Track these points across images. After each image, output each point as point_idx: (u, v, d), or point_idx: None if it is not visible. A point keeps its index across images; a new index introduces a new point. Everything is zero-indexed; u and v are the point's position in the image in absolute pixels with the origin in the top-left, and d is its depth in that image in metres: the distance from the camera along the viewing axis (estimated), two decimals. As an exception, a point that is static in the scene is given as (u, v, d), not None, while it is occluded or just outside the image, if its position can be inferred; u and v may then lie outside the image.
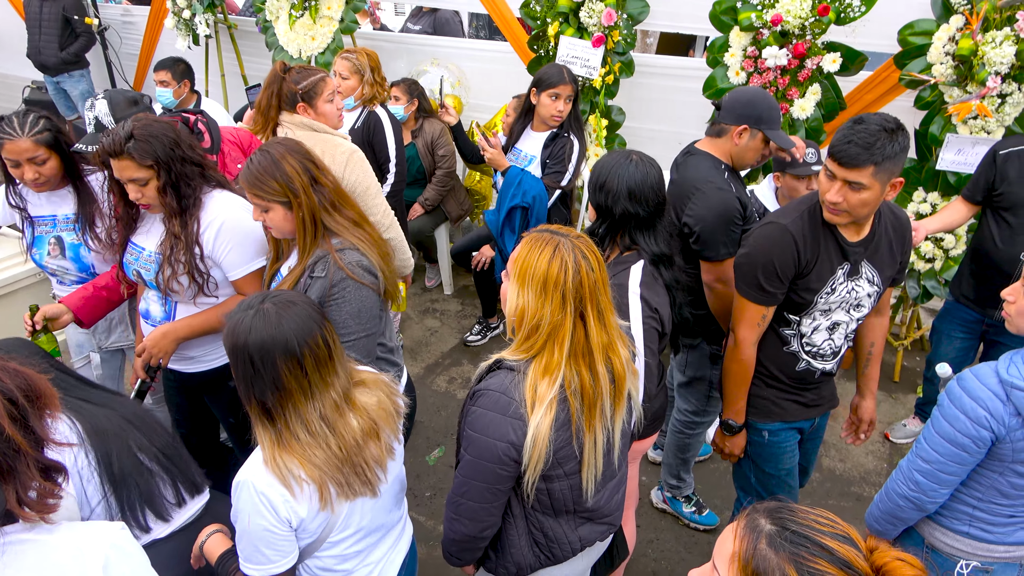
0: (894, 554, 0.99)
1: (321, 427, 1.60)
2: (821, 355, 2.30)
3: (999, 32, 3.29)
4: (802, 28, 3.63)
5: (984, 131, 3.50)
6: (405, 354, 4.39)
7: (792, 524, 1.01)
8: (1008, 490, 1.81)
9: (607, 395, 1.71)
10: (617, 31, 4.13)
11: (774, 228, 2.13)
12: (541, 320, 1.62)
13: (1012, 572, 1.90)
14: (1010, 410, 1.70)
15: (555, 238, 1.66)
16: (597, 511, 1.87)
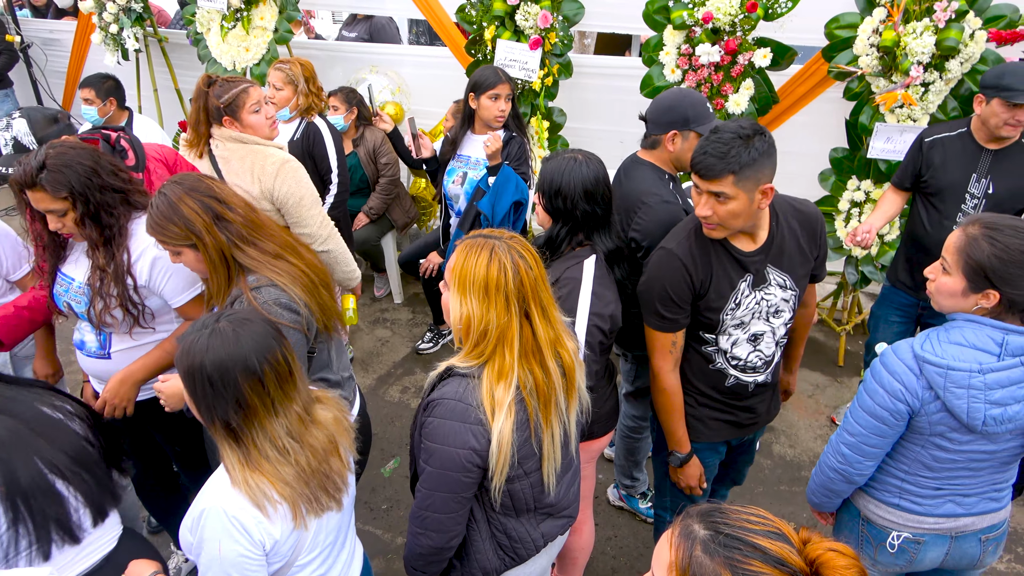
0: (827, 545, 1.00)
1: (289, 442, 1.57)
2: (750, 367, 2.24)
3: (919, 23, 3.40)
4: (732, 25, 3.69)
5: (910, 119, 3.61)
6: (356, 366, 4.33)
7: (725, 527, 1.01)
8: (932, 463, 1.87)
9: (560, 389, 1.73)
10: (553, 33, 4.15)
11: (662, 254, 2.12)
12: (488, 325, 1.63)
13: (942, 543, 1.96)
14: (923, 383, 1.77)
15: (489, 241, 1.66)
16: (557, 505, 1.88)
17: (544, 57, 4.21)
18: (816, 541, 1.01)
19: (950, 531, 1.94)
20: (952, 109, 3.57)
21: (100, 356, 2.37)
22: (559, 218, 2.20)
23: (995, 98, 2.76)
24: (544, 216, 2.25)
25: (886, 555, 2.00)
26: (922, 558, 1.98)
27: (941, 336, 1.78)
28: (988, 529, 1.95)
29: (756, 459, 3.60)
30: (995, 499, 1.92)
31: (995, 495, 1.92)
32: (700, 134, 2.46)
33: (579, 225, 2.19)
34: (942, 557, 1.98)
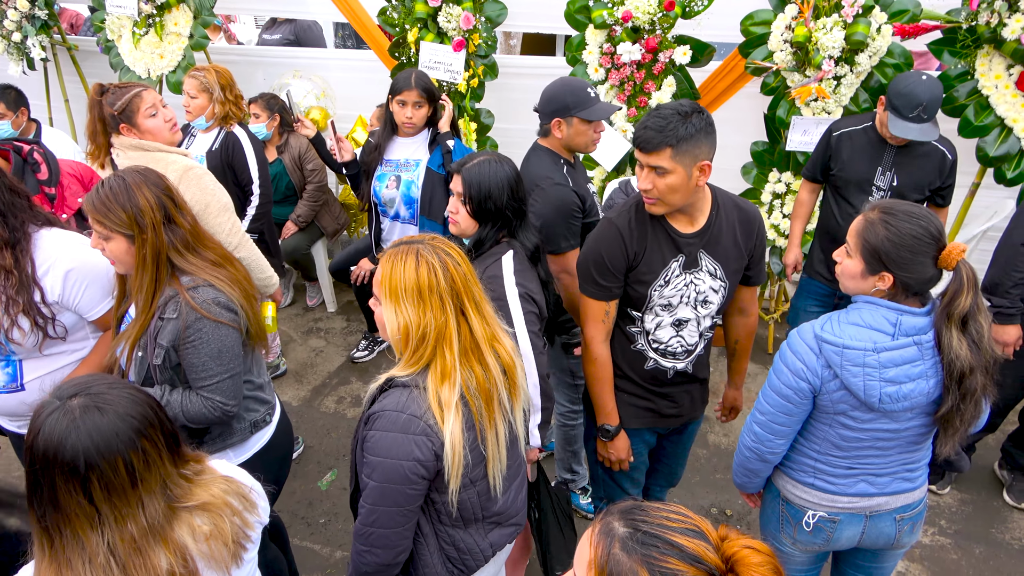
0: (743, 542, 1.01)
1: (108, 563, 1.25)
2: (670, 352, 2.29)
3: (828, 19, 3.51)
4: (652, 23, 3.75)
5: (825, 112, 3.73)
6: (290, 378, 4.23)
7: (644, 525, 1.01)
8: (840, 442, 1.93)
9: (502, 386, 1.72)
10: (477, 34, 4.13)
11: (603, 223, 2.20)
12: (427, 328, 1.62)
13: (857, 522, 2.02)
14: (822, 362, 1.84)
15: (412, 246, 1.66)
16: (505, 513, 1.87)
17: (469, 58, 4.19)
18: (733, 538, 1.02)
19: (864, 510, 2.00)
20: (864, 101, 3.70)
21: (12, 390, 2.23)
22: (488, 220, 2.23)
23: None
24: (469, 222, 2.25)
25: (804, 534, 2.06)
26: (838, 537, 2.04)
27: (841, 318, 1.85)
28: (902, 509, 2.01)
29: (692, 449, 3.66)
30: (908, 479, 1.99)
31: (908, 475, 1.99)
32: (583, 119, 2.58)
33: (506, 223, 2.24)
34: (858, 536, 2.03)
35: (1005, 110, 3.44)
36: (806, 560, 2.15)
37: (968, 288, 1.74)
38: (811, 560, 2.16)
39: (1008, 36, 3.26)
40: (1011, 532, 3.23)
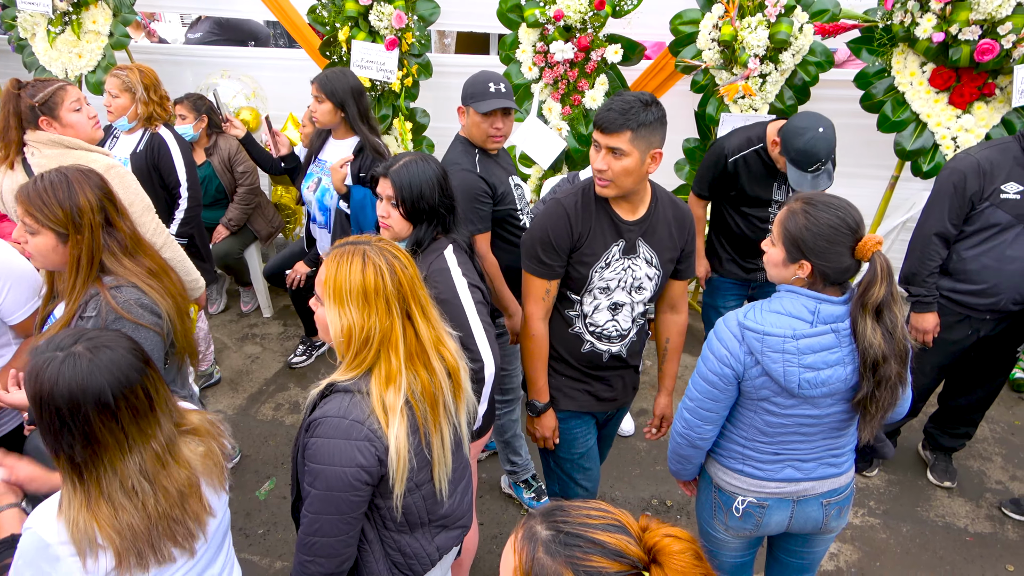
0: (664, 531, 1.02)
1: (140, 483, 1.43)
2: (606, 336, 2.36)
3: (753, 18, 3.60)
4: (583, 22, 3.78)
5: (752, 109, 3.83)
6: (224, 386, 4.12)
7: (565, 525, 1.01)
8: (765, 428, 1.98)
9: (447, 390, 1.71)
10: (410, 33, 4.10)
11: (551, 203, 2.28)
12: (371, 332, 1.59)
13: (785, 507, 2.07)
14: (744, 349, 1.90)
15: (359, 247, 1.63)
16: (451, 516, 1.85)
17: (402, 58, 4.15)
18: (654, 528, 1.03)
19: (792, 495, 2.05)
20: (788, 98, 3.81)
21: None
22: (422, 220, 2.22)
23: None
24: (403, 224, 2.23)
25: (735, 520, 2.11)
26: (767, 522, 2.09)
27: (764, 306, 1.91)
28: (829, 493, 2.07)
29: (631, 442, 3.72)
30: (834, 465, 2.05)
31: (833, 461, 2.04)
32: (476, 111, 2.72)
33: (441, 219, 2.25)
34: (787, 521, 2.09)
35: (920, 106, 3.59)
36: (740, 546, 2.20)
37: (882, 279, 1.79)
38: (745, 545, 2.21)
39: (920, 35, 3.40)
40: (935, 510, 3.37)
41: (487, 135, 2.78)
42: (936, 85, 3.54)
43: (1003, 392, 4.18)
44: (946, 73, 3.50)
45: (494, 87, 2.76)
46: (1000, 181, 2.83)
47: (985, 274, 2.92)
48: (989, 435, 3.84)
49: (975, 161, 2.86)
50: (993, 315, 3.02)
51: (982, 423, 3.86)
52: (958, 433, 3.46)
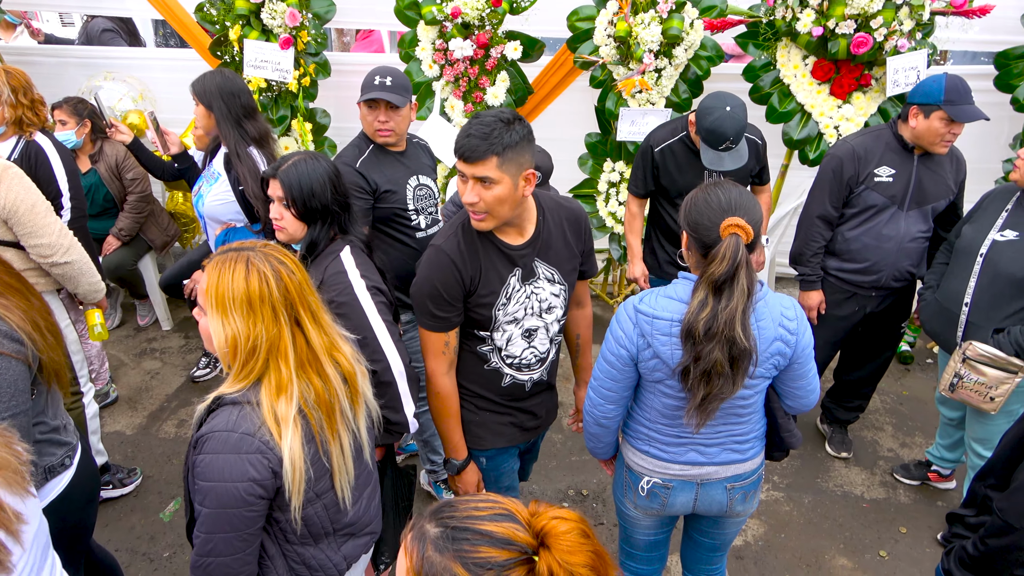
0: (551, 514, 1.03)
1: None
2: (525, 365, 2.22)
3: (646, 14, 3.69)
4: (481, 19, 3.78)
5: (649, 102, 3.93)
6: (122, 405, 3.91)
7: (453, 520, 1.01)
8: (665, 410, 2.03)
9: (343, 397, 1.67)
10: (305, 31, 3.99)
11: (431, 252, 2.07)
12: (257, 341, 1.53)
13: (689, 489, 2.13)
14: (638, 332, 1.94)
15: (243, 253, 1.57)
16: (358, 523, 1.81)
17: (298, 56, 4.04)
18: (541, 512, 1.04)
19: (696, 478, 2.11)
20: (683, 92, 3.93)
21: None
22: (316, 219, 2.17)
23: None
24: (296, 226, 2.18)
25: (642, 499, 2.16)
26: (672, 502, 2.15)
27: (660, 291, 1.96)
28: (733, 478, 2.11)
29: (548, 435, 3.75)
30: (737, 451, 2.09)
31: (736, 447, 2.09)
32: (362, 104, 2.74)
33: (335, 218, 2.20)
34: (691, 502, 2.15)
35: (804, 97, 3.77)
36: (652, 524, 2.26)
37: (723, 258, 1.77)
38: (657, 524, 2.27)
39: (801, 29, 3.57)
40: (833, 480, 3.56)
41: (373, 129, 2.77)
42: (818, 77, 3.73)
43: (891, 365, 4.45)
44: (826, 65, 3.69)
45: (379, 80, 2.74)
46: (874, 165, 3.02)
47: (866, 252, 3.11)
48: (880, 406, 4.08)
49: (851, 148, 3.05)
50: (878, 292, 3.21)
51: (873, 395, 4.10)
52: (852, 406, 3.66)
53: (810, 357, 2.03)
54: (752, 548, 3.16)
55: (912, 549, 3.16)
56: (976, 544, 1.89)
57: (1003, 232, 2.77)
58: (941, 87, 2.85)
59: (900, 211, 3.05)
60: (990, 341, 2.75)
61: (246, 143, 3.03)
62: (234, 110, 3.04)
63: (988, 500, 1.92)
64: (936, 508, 3.38)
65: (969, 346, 2.76)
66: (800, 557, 3.13)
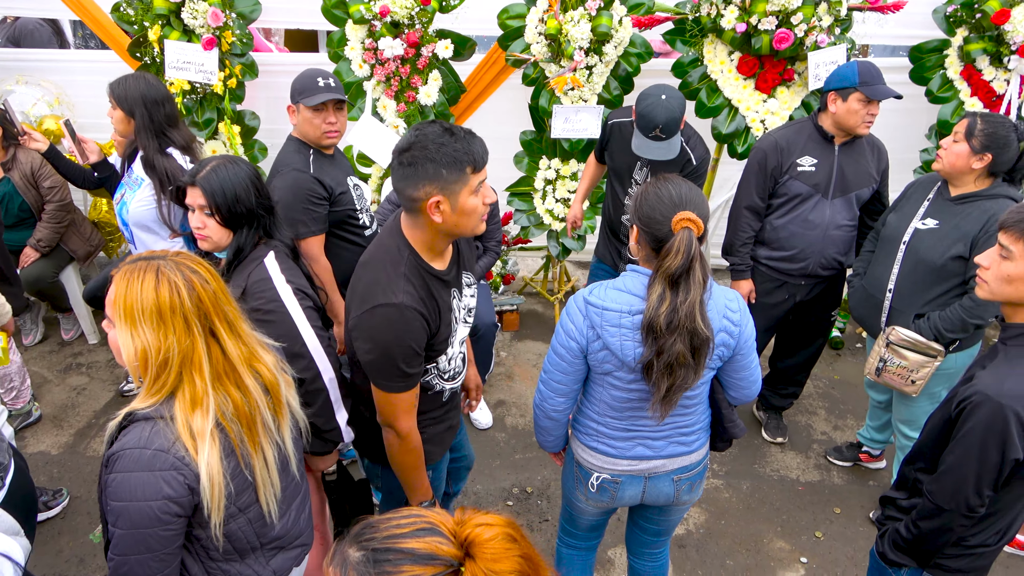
0: (476, 521, 1.01)
1: None
2: (457, 373, 2.19)
3: (575, 12, 3.71)
4: (411, 18, 3.74)
5: (582, 99, 3.95)
6: (47, 423, 3.74)
7: (374, 542, 0.98)
8: (615, 404, 2.05)
9: (265, 408, 1.62)
10: (229, 31, 3.88)
11: (390, 311, 1.85)
12: (169, 353, 1.48)
13: (637, 483, 2.16)
14: (587, 323, 1.96)
15: (152, 263, 1.52)
16: (286, 536, 1.77)
17: (223, 57, 3.92)
18: (467, 520, 1.02)
19: (643, 472, 2.14)
20: (614, 88, 3.96)
21: None
22: (242, 225, 2.12)
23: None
24: (221, 233, 2.12)
25: (592, 493, 2.20)
26: (622, 496, 2.18)
27: (609, 283, 1.98)
28: (680, 470, 2.15)
29: (490, 434, 3.75)
30: (683, 443, 2.13)
31: (682, 439, 2.12)
32: (307, 106, 2.69)
33: (260, 222, 2.16)
34: (640, 495, 2.19)
35: (731, 92, 3.85)
36: (597, 513, 2.32)
37: (677, 252, 1.79)
38: (601, 512, 2.33)
39: (726, 26, 3.64)
40: (770, 465, 3.65)
41: (321, 132, 2.71)
42: (743, 72, 3.81)
43: (824, 350, 4.59)
44: (751, 61, 3.78)
45: (323, 81, 2.72)
46: (796, 156, 3.13)
47: (793, 240, 3.21)
48: (813, 391, 4.21)
49: (774, 140, 3.15)
50: (807, 280, 3.31)
51: (807, 381, 4.22)
52: (787, 393, 3.76)
53: (752, 349, 2.07)
54: (694, 536, 3.22)
55: (846, 528, 3.27)
56: (909, 527, 1.96)
57: (924, 221, 2.87)
58: (855, 71, 2.97)
59: (824, 199, 3.15)
60: (911, 326, 2.86)
61: (163, 154, 2.93)
62: (157, 119, 2.93)
63: (918, 483, 1.98)
64: (868, 488, 3.50)
65: (892, 331, 2.87)
66: (740, 542, 3.20)
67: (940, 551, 1.94)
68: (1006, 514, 1.92)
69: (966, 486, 1.81)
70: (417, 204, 1.83)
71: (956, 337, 2.76)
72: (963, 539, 1.93)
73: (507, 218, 4.35)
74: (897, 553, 2.01)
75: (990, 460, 1.76)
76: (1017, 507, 1.92)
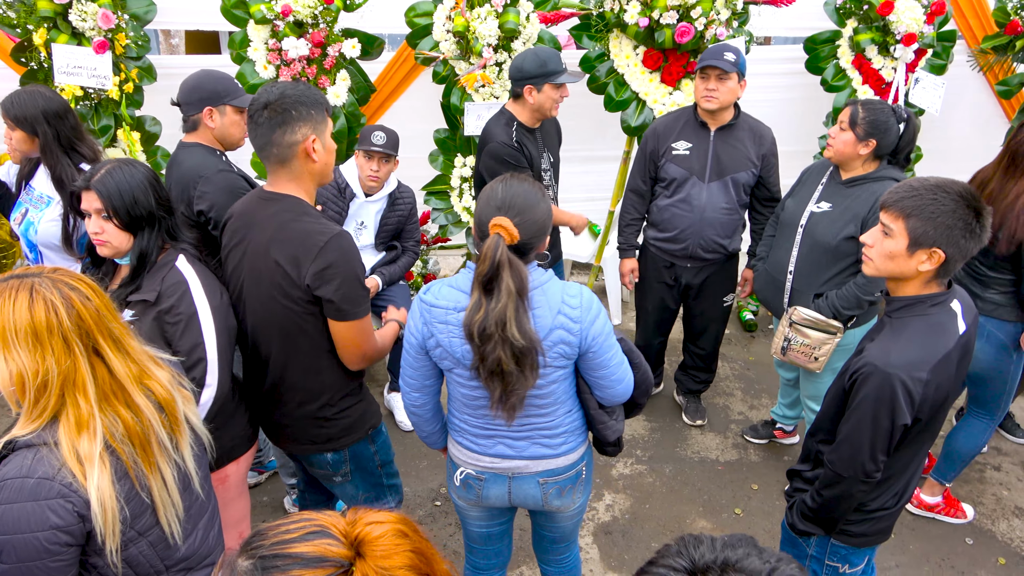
0: (367, 519, 1.01)
1: None
2: None
3: (482, 9, 3.72)
4: (314, 17, 3.67)
5: (493, 96, 3.96)
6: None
7: (262, 549, 0.96)
8: (467, 401, 2.03)
9: (159, 426, 1.56)
10: (123, 34, 3.72)
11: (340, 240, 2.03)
12: (48, 376, 1.41)
13: (502, 482, 2.11)
14: (423, 320, 1.96)
15: (25, 280, 1.44)
16: (194, 556, 1.70)
17: (118, 61, 3.76)
18: (358, 520, 1.01)
19: (507, 471, 2.09)
20: (525, 84, 3.99)
21: None
22: (142, 227, 2.06)
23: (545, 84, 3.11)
24: (121, 237, 2.04)
25: (459, 489, 2.17)
26: (487, 494, 2.14)
27: (447, 280, 1.98)
28: (545, 473, 2.09)
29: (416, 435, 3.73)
30: (547, 446, 2.06)
31: (546, 442, 2.06)
32: (236, 107, 2.64)
33: (163, 224, 2.10)
34: (506, 495, 2.13)
35: (637, 85, 3.93)
36: (481, 515, 2.26)
37: (484, 258, 1.79)
38: (487, 515, 2.26)
39: (629, 20, 3.72)
40: (691, 447, 3.76)
41: (244, 135, 2.69)
42: (648, 65, 3.90)
43: (738, 333, 4.76)
44: (655, 54, 3.87)
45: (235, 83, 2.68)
46: (672, 140, 3.32)
47: (674, 221, 3.39)
48: (730, 373, 4.35)
49: (654, 127, 3.40)
50: (693, 263, 3.47)
51: (723, 363, 4.37)
52: (700, 379, 3.89)
53: (609, 347, 1.98)
54: (620, 522, 3.28)
55: (764, 503, 3.40)
56: (813, 496, 2.05)
57: (819, 204, 3.01)
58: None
59: (701, 182, 3.30)
60: (811, 305, 2.99)
61: (77, 169, 2.77)
62: (64, 134, 2.75)
63: (820, 454, 2.07)
64: (783, 463, 3.65)
65: (794, 311, 2.99)
66: (664, 525, 3.28)
67: (844, 517, 2.04)
68: (900, 477, 2.03)
69: (862, 453, 1.90)
70: (295, 148, 2.02)
71: (853, 314, 2.91)
72: (864, 504, 2.03)
73: (425, 217, 4.32)
74: (805, 523, 2.10)
75: (882, 427, 1.86)
76: (910, 469, 2.04)
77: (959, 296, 1.96)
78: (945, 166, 3.59)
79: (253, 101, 2.02)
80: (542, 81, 3.05)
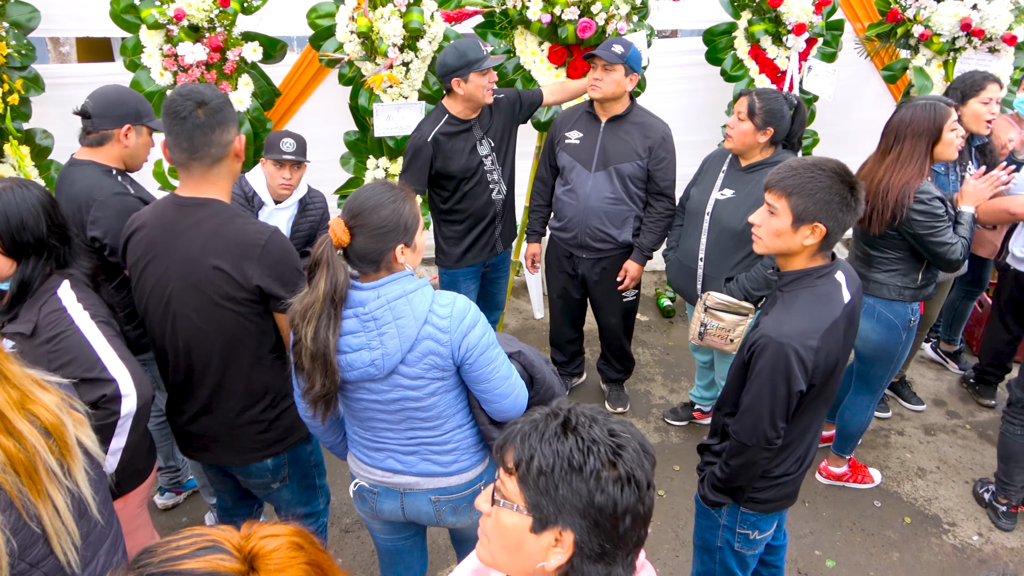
0: (262, 533, 0.99)
1: None
2: None
3: (385, 8, 3.68)
4: (211, 21, 3.56)
5: (402, 96, 3.93)
6: None
7: (150, 567, 0.94)
8: (356, 412, 1.99)
9: (46, 452, 1.48)
10: (3, 43, 3.53)
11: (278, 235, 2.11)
12: None
13: (394, 497, 2.06)
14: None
15: None
16: None
17: (0, 72, 3.57)
18: (253, 534, 0.99)
19: (398, 487, 2.04)
20: (434, 83, 3.97)
21: None
22: (29, 254, 1.95)
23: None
24: (3, 264, 1.94)
25: (356, 501, 2.14)
26: (381, 508, 2.09)
27: None
28: (438, 491, 2.03)
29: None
30: (437, 464, 2.00)
31: (435, 459, 1.99)
32: (151, 128, 2.56)
33: (52, 252, 1.99)
34: (399, 510, 2.08)
35: (544, 81, 3.97)
36: (385, 528, 2.21)
37: (317, 265, 1.80)
38: (390, 529, 2.21)
39: (532, 17, 3.75)
40: (616, 434, 3.83)
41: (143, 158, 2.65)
42: (554, 61, 3.94)
43: (657, 319, 4.88)
44: (560, 50, 3.92)
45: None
46: (566, 130, 3.46)
47: (565, 210, 3.51)
48: (650, 359, 4.46)
49: (558, 117, 3.56)
50: (588, 253, 3.55)
51: (643, 349, 4.48)
52: (619, 368, 3.97)
53: (489, 360, 1.89)
54: (548, 513, 3.32)
55: (685, 483, 3.50)
56: (721, 467, 2.13)
57: (722, 191, 3.11)
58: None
59: (587, 171, 3.41)
60: (723, 289, 3.09)
61: None
62: None
63: (726, 427, 2.15)
64: (703, 442, 3.76)
65: (708, 296, 3.09)
66: (592, 512, 3.34)
67: (750, 485, 2.12)
68: (801, 442, 2.13)
69: (763, 421, 1.98)
70: (229, 148, 2.05)
71: (762, 294, 3.02)
72: (768, 471, 2.12)
73: (340, 221, 4.26)
74: (715, 493, 2.18)
75: (779, 394, 1.94)
76: (809, 435, 2.15)
77: (843, 268, 2.07)
78: (843, 149, 3.78)
79: (174, 103, 1.98)
80: (467, 71, 3.10)
